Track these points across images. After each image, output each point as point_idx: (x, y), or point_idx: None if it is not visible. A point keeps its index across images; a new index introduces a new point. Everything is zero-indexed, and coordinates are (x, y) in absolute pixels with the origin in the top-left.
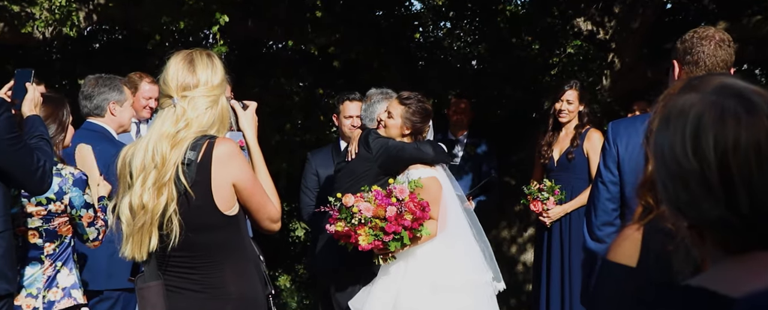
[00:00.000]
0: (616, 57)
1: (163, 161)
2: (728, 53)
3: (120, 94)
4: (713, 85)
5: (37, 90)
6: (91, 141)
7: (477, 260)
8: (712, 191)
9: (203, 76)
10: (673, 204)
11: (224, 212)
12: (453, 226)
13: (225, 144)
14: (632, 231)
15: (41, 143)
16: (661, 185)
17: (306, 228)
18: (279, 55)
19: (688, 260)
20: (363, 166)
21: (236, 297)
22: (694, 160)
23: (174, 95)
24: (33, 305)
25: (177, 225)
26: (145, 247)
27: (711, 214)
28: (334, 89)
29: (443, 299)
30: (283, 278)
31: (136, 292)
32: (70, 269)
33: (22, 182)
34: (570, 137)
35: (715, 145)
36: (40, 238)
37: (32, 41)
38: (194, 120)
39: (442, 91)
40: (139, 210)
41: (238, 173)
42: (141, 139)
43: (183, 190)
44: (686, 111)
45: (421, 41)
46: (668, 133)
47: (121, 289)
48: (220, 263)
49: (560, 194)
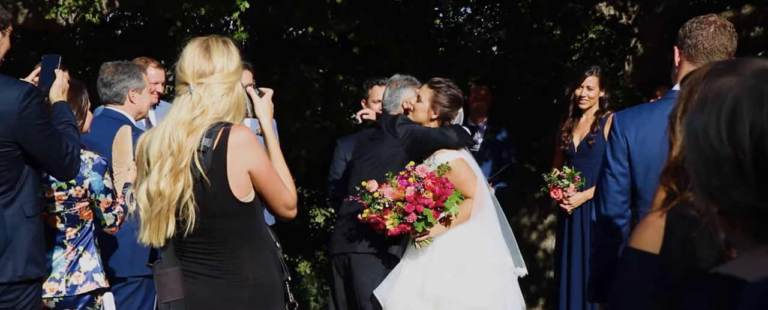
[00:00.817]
0: (638, 42)
1: (180, 148)
2: (728, 39)
3: (139, 81)
4: (753, 68)
5: (64, 76)
6: (111, 129)
7: (502, 244)
8: (745, 177)
9: (219, 63)
10: (704, 189)
11: (240, 199)
12: (487, 208)
13: (240, 131)
14: (655, 218)
15: (69, 129)
16: (693, 169)
17: (326, 214)
18: (299, 42)
19: (711, 247)
20: (389, 151)
21: (253, 283)
22: (728, 144)
23: (190, 82)
24: (56, 288)
25: (192, 211)
26: (163, 233)
27: (743, 200)
28: (354, 76)
29: (469, 281)
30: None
31: (154, 278)
32: (91, 254)
33: (50, 168)
34: (590, 123)
35: (751, 131)
36: (62, 223)
37: (55, 27)
38: (210, 107)
39: (462, 78)
40: (157, 197)
41: (253, 161)
42: (158, 127)
43: (199, 177)
44: (723, 94)
45: (441, 27)
46: (703, 116)
47: (144, 275)
48: (237, 250)
49: (581, 180)
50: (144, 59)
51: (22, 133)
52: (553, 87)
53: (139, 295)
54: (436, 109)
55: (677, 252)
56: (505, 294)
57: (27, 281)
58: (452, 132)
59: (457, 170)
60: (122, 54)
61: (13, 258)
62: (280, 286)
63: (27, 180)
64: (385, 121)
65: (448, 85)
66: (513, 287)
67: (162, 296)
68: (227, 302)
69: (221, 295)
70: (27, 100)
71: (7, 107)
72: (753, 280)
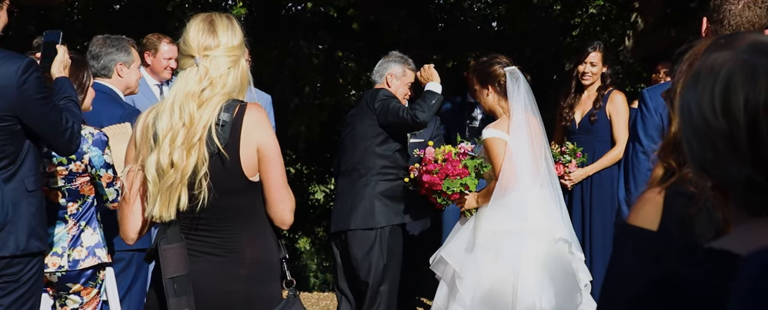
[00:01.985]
0: (639, 17)
1: (192, 121)
2: (758, 14)
3: (127, 55)
4: (746, 42)
5: (66, 52)
6: (97, 102)
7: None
8: (739, 151)
9: (223, 38)
10: (698, 163)
11: (249, 178)
12: (516, 195)
13: (257, 109)
14: (654, 194)
15: (70, 104)
16: (687, 144)
17: (325, 191)
18: (298, 18)
19: (710, 224)
20: (365, 126)
21: (251, 261)
22: (722, 119)
23: (196, 55)
24: (58, 263)
25: (206, 187)
26: (174, 206)
27: (737, 174)
28: (353, 52)
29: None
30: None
31: (158, 253)
32: (93, 229)
33: (51, 143)
34: (592, 99)
35: (745, 105)
36: (63, 198)
37: (54, 2)
38: (217, 79)
39: (461, 53)
40: (169, 169)
41: (264, 138)
42: (163, 101)
43: (216, 150)
44: (716, 69)
45: (440, 3)
46: (696, 91)
47: (134, 250)
48: (240, 228)
49: (582, 156)
50: (157, 35)
51: (22, 108)
52: (553, 62)
53: (130, 271)
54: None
55: (675, 229)
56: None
57: (29, 254)
58: (423, 113)
59: (489, 147)
60: (120, 29)
61: (15, 232)
62: (278, 264)
63: (28, 155)
64: (366, 96)
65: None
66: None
67: (166, 271)
68: (226, 279)
69: (221, 271)
70: (26, 73)
71: (6, 81)
72: (748, 253)
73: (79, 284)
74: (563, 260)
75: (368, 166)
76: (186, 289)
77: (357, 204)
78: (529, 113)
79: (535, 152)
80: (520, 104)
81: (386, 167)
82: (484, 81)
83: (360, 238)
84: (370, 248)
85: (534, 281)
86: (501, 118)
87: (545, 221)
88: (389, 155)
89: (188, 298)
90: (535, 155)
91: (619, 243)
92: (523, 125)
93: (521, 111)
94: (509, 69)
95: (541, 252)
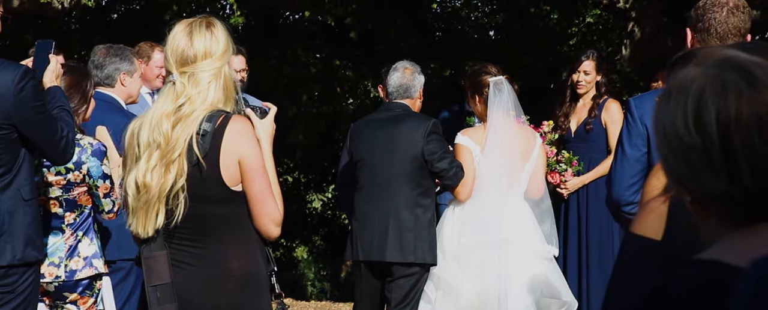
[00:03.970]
0: (636, 26)
1: (167, 140)
2: (742, 20)
3: (130, 64)
4: (714, 58)
5: (58, 61)
6: (100, 111)
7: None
8: (714, 166)
9: (201, 49)
10: (675, 178)
11: (230, 187)
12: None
13: (241, 121)
14: (658, 204)
15: (63, 114)
16: (663, 160)
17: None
18: (296, 26)
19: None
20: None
21: (238, 274)
22: (696, 134)
23: (173, 71)
24: (55, 273)
25: (182, 201)
26: (151, 223)
27: (713, 188)
28: (351, 61)
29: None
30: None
31: (142, 261)
32: (90, 239)
33: (46, 151)
34: (588, 108)
35: (717, 120)
36: (60, 207)
37: (51, 11)
38: (196, 96)
39: (459, 62)
40: (142, 188)
41: (245, 150)
42: (147, 113)
43: (195, 161)
44: (687, 86)
45: (438, 11)
46: (669, 108)
47: (133, 259)
48: (224, 239)
49: (578, 165)
50: (149, 44)
51: (19, 116)
52: (550, 71)
53: (129, 281)
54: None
55: (679, 238)
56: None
57: (26, 264)
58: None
59: (456, 151)
60: (118, 38)
61: (12, 241)
62: (266, 276)
63: (24, 163)
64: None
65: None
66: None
67: (149, 279)
68: (212, 292)
69: (206, 285)
70: (22, 82)
71: (3, 89)
72: (734, 262)
73: (76, 294)
74: (536, 273)
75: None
76: (170, 297)
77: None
78: (510, 125)
79: (511, 164)
80: (499, 115)
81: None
82: (472, 90)
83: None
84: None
85: (505, 293)
86: (479, 126)
87: (519, 233)
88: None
89: (172, 306)
90: (511, 166)
91: (623, 252)
92: (497, 136)
93: (500, 122)
94: (494, 79)
95: (511, 264)
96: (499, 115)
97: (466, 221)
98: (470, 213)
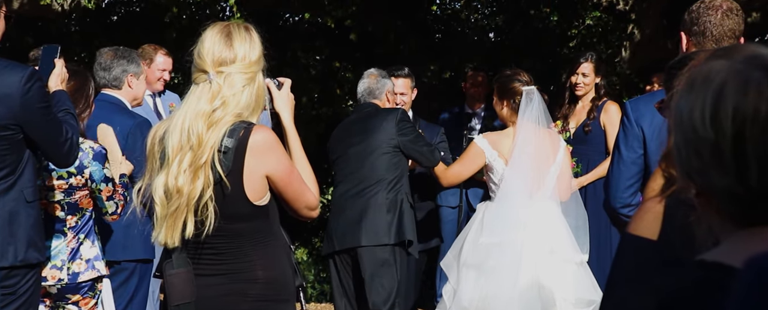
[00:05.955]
0: (635, 28)
1: (200, 142)
2: (736, 22)
3: (137, 66)
4: (743, 54)
5: (63, 66)
6: (107, 113)
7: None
8: (723, 161)
9: (241, 51)
10: (683, 169)
11: (254, 202)
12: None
13: (261, 133)
14: (655, 204)
15: (68, 117)
16: (676, 150)
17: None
18: (296, 28)
19: (710, 232)
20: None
21: (263, 280)
22: (710, 128)
23: (210, 71)
24: (58, 276)
25: (212, 212)
26: (179, 232)
27: (719, 183)
28: (351, 62)
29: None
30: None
31: (164, 278)
32: (92, 242)
33: (50, 153)
34: (586, 110)
35: (733, 115)
36: (62, 211)
37: (51, 13)
38: (231, 98)
39: (459, 64)
40: (175, 193)
41: (272, 165)
42: (174, 117)
43: (218, 178)
44: (711, 78)
45: (438, 13)
46: (690, 98)
47: (137, 260)
48: (249, 251)
49: (576, 167)
50: (152, 46)
51: (24, 117)
52: (550, 73)
53: (132, 282)
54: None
55: (676, 238)
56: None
57: (28, 265)
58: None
59: (469, 147)
60: (118, 40)
61: (15, 243)
62: (293, 286)
63: (27, 165)
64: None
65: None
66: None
67: (171, 298)
68: (234, 298)
69: (229, 291)
70: (29, 83)
71: (10, 90)
72: (737, 265)
73: (79, 295)
74: (558, 275)
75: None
76: None
77: (366, 218)
78: (539, 134)
79: (539, 169)
80: (529, 125)
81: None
82: (501, 95)
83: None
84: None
85: (527, 296)
86: (504, 131)
87: (541, 235)
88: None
89: None
90: (538, 171)
91: (620, 252)
92: (526, 146)
93: (530, 132)
94: (526, 89)
95: (532, 266)
96: (529, 125)
97: (489, 221)
98: (494, 214)
